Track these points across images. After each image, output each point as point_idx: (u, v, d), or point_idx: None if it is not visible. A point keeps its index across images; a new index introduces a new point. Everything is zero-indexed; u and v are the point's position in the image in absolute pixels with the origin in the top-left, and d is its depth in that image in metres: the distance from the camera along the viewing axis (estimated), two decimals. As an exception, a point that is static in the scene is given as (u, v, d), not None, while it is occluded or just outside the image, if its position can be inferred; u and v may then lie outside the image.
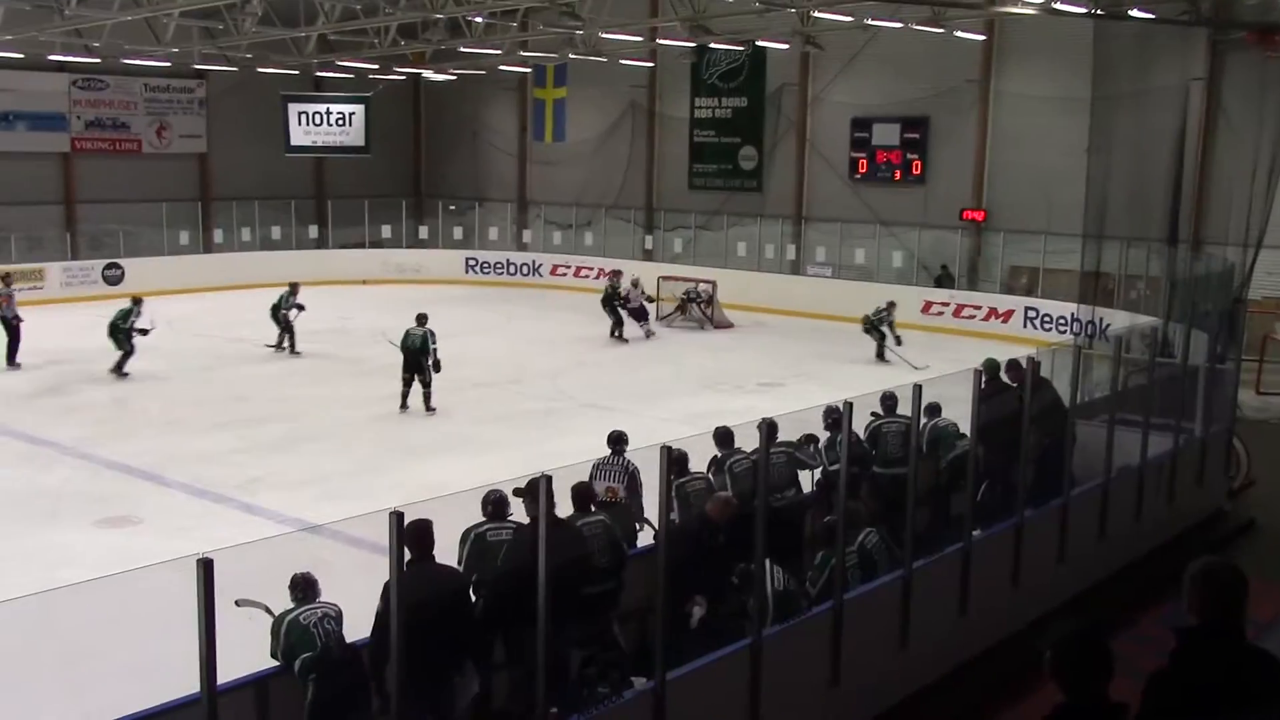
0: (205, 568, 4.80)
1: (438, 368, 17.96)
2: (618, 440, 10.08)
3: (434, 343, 18.02)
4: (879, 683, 8.37)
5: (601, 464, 9.87)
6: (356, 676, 6.58)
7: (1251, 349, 19.44)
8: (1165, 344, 14.42)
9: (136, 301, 21.17)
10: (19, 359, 21.14)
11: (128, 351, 20.49)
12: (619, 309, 25.18)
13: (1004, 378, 11.12)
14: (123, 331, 20.52)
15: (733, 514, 8.10)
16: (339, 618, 6.75)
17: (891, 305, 23.37)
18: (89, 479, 14.59)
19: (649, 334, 25.27)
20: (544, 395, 19.60)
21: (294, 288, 23.36)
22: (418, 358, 17.95)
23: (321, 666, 6.52)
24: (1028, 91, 26.92)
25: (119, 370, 20.39)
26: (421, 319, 18.43)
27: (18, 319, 21.15)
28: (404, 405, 18.04)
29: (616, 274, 26.17)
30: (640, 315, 25.42)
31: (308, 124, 35.25)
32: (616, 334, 24.88)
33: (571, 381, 20.76)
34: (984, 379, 10.07)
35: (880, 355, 22.83)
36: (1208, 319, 14.68)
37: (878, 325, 22.96)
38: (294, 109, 34.97)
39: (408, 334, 18.19)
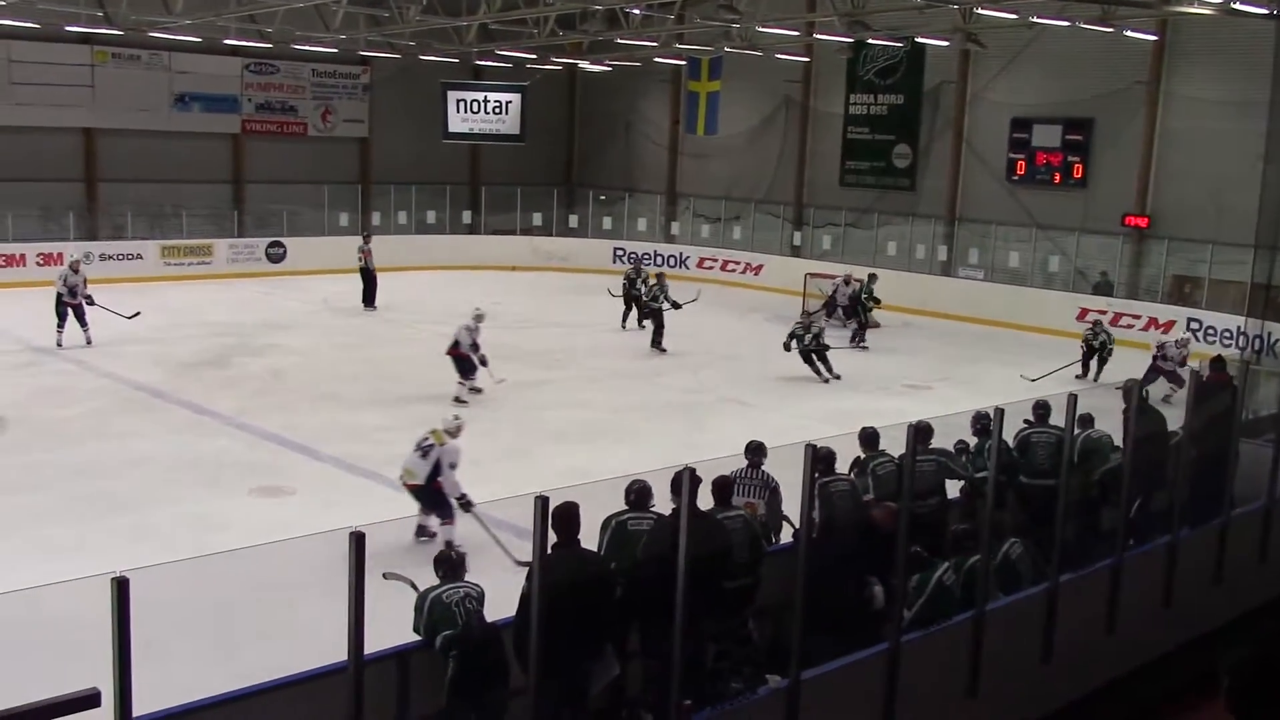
0: (357, 541, 4.94)
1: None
2: (756, 451, 9.59)
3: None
4: (1019, 697, 8.18)
5: (740, 476, 9.35)
6: (496, 655, 6.69)
7: None
8: (1339, 362, 13.78)
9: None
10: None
11: None
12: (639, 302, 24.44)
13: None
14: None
15: (895, 524, 7.99)
16: (481, 598, 6.88)
17: (872, 277, 23.67)
18: (246, 449, 15.14)
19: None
20: (684, 387, 19.64)
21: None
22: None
23: (462, 644, 6.65)
24: (1200, 94, 25.86)
25: None
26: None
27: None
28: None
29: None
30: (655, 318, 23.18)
31: (465, 111, 35.91)
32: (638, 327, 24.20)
33: (712, 374, 20.75)
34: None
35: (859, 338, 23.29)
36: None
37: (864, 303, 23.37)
38: (453, 96, 35.66)
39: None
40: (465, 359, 18.44)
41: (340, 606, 5.39)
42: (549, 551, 6.58)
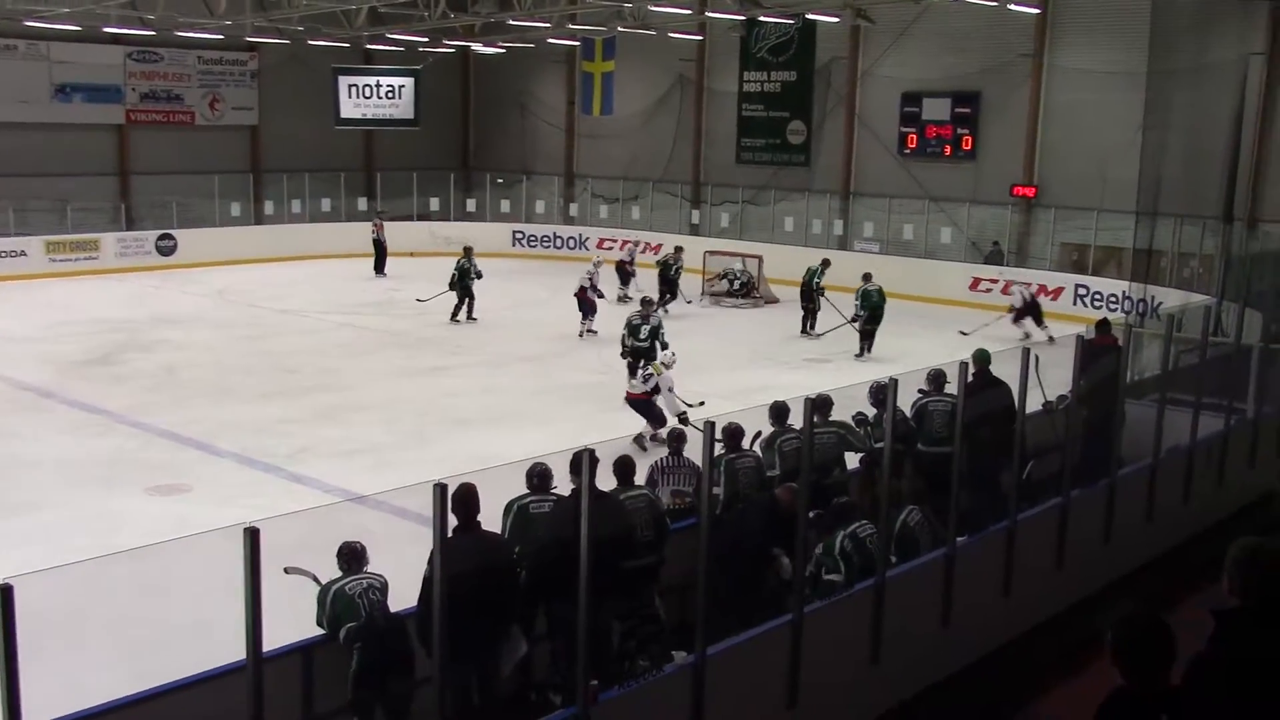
0: (251, 536, 4.87)
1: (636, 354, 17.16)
2: (678, 439, 9.66)
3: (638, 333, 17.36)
4: (920, 661, 8.34)
5: (665, 467, 9.39)
6: (400, 646, 6.67)
7: (1308, 329, 19.12)
8: (1218, 323, 14.25)
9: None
10: None
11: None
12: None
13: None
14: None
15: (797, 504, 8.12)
16: (384, 588, 6.84)
17: (825, 263, 23.80)
18: (140, 447, 14.82)
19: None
20: (590, 368, 19.64)
21: (468, 252, 23.94)
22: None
23: (366, 636, 6.62)
24: (1082, 66, 26.51)
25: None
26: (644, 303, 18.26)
27: None
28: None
29: (679, 250, 26.55)
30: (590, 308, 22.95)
31: (358, 97, 35.44)
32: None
33: (617, 355, 20.75)
34: (972, 370, 10.04)
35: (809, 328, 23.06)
36: (1263, 298, 14.47)
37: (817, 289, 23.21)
38: (344, 82, 35.15)
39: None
40: (589, 301, 22.18)
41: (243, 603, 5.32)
42: (451, 536, 6.59)
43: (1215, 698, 3.65)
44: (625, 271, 26.66)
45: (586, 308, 22.29)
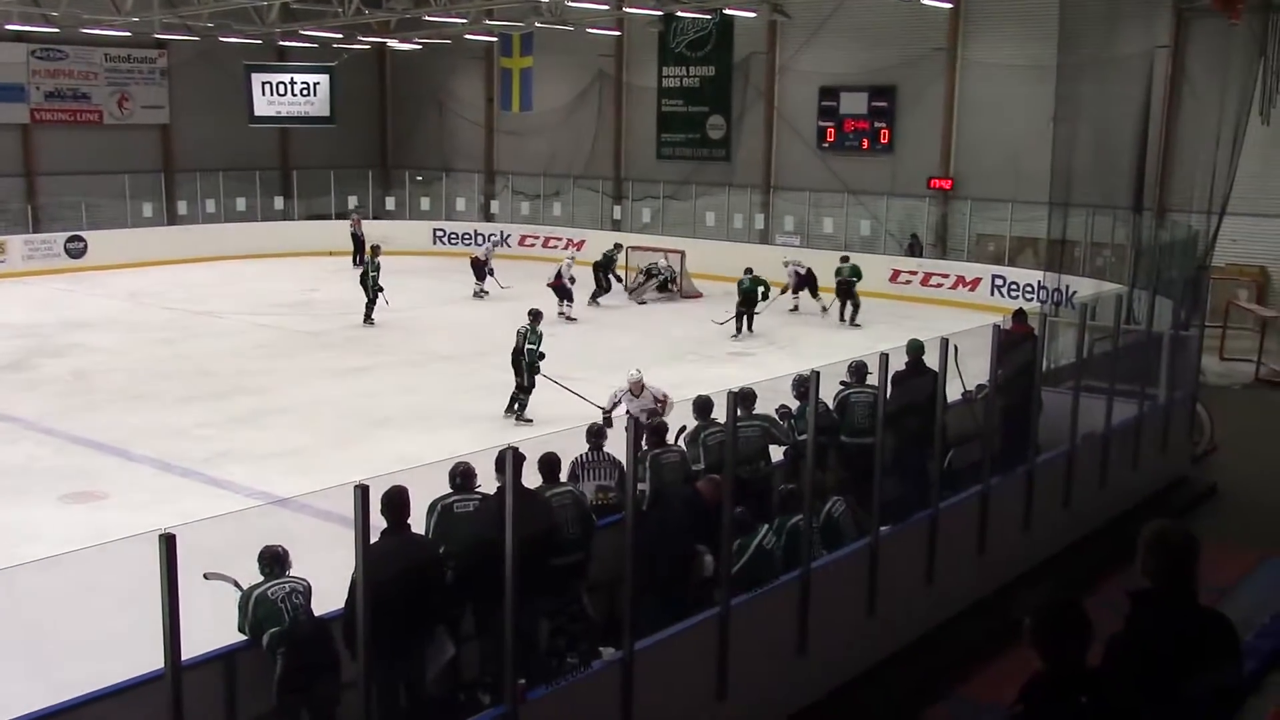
0: (167, 543, 4.76)
1: (533, 367, 16.10)
2: (597, 434, 9.33)
3: (532, 342, 16.16)
4: (846, 650, 8.43)
5: (585, 462, 9.21)
6: (325, 650, 6.58)
7: (1215, 315, 19.65)
8: (1130, 311, 14.55)
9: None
10: None
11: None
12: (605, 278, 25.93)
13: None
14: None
15: (719, 496, 8.14)
16: (307, 592, 6.75)
17: (617, 247, 25.30)
18: (54, 454, 14.47)
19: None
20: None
21: (376, 250, 23.66)
22: (516, 358, 16.24)
23: (289, 641, 6.53)
24: (995, 60, 26.94)
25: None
26: (533, 315, 16.72)
27: None
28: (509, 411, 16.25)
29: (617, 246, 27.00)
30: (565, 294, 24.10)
31: (271, 94, 34.89)
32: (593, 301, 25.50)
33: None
34: (905, 360, 10.21)
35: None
36: (1172, 286, 14.80)
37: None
38: (257, 79, 34.59)
39: (518, 333, 16.41)
40: (564, 288, 23.37)
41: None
42: (378, 538, 6.52)
43: (1131, 676, 3.72)
44: (480, 268, 26.47)
45: (563, 293, 23.47)
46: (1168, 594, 3.89)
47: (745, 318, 22.61)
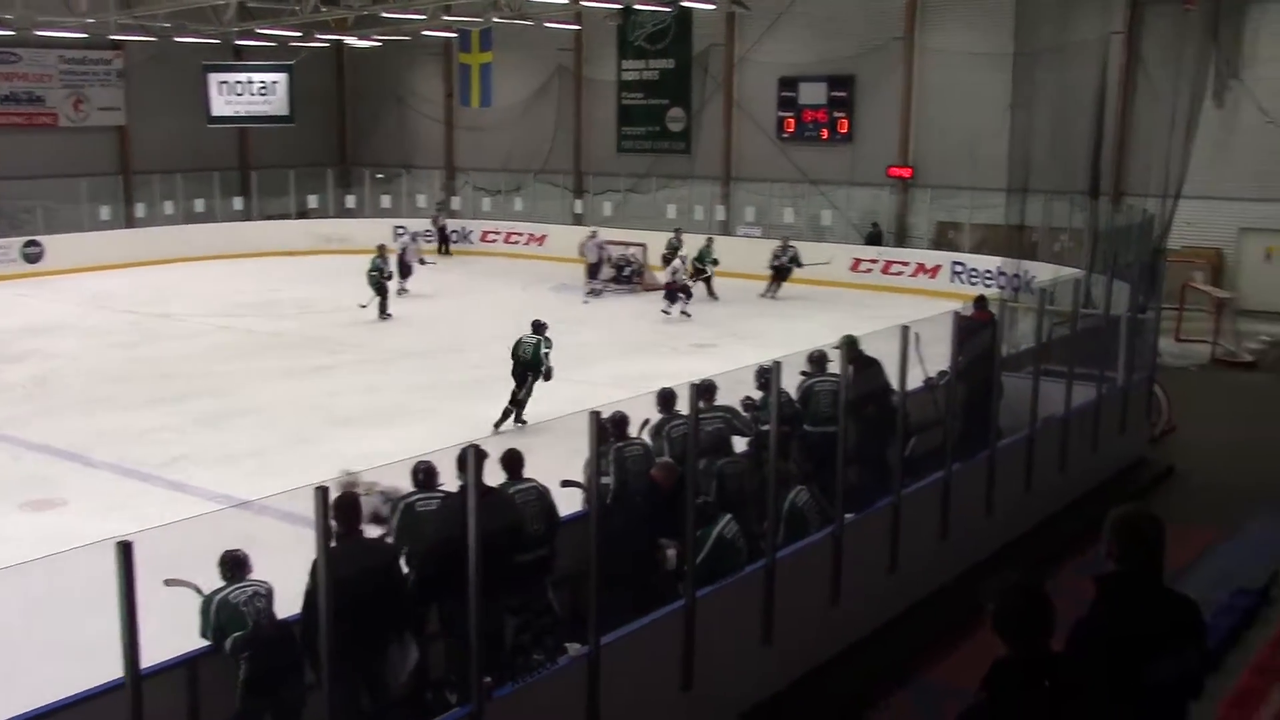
0: (124, 551, 4.72)
1: (548, 376, 15.52)
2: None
3: (547, 349, 15.65)
4: (811, 639, 8.47)
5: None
6: (289, 654, 6.55)
7: (1171, 298, 19.82)
8: (1088, 295, 14.67)
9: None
10: None
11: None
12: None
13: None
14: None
15: (676, 479, 8.15)
16: (270, 595, 6.72)
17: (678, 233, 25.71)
18: (11, 461, 14.31)
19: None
20: (476, 363, 19.47)
21: (382, 250, 23.60)
22: (525, 370, 15.58)
23: (253, 645, 6.50)
24: (952, 48, 27.09)
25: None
26: (538, 326, 16.02)
27: None
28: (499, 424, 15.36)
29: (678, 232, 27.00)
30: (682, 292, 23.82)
31: (229, 94, 34.60)
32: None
33: (503, 348, 20.62)
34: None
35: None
36: (1129, 269, 14.94)
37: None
38: (214, 79, 34.29)
39: (519, 343, 15.82)
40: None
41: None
42: (335, 543, 6.50)
43: (1097, 660, 3.75)
44: (405, 265, 26.09)
45: (675, 293, 23.31)
46: (1134, 578, 3.93)
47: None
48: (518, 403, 15.49)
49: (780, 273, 25.72)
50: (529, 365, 15.55)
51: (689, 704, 7.37)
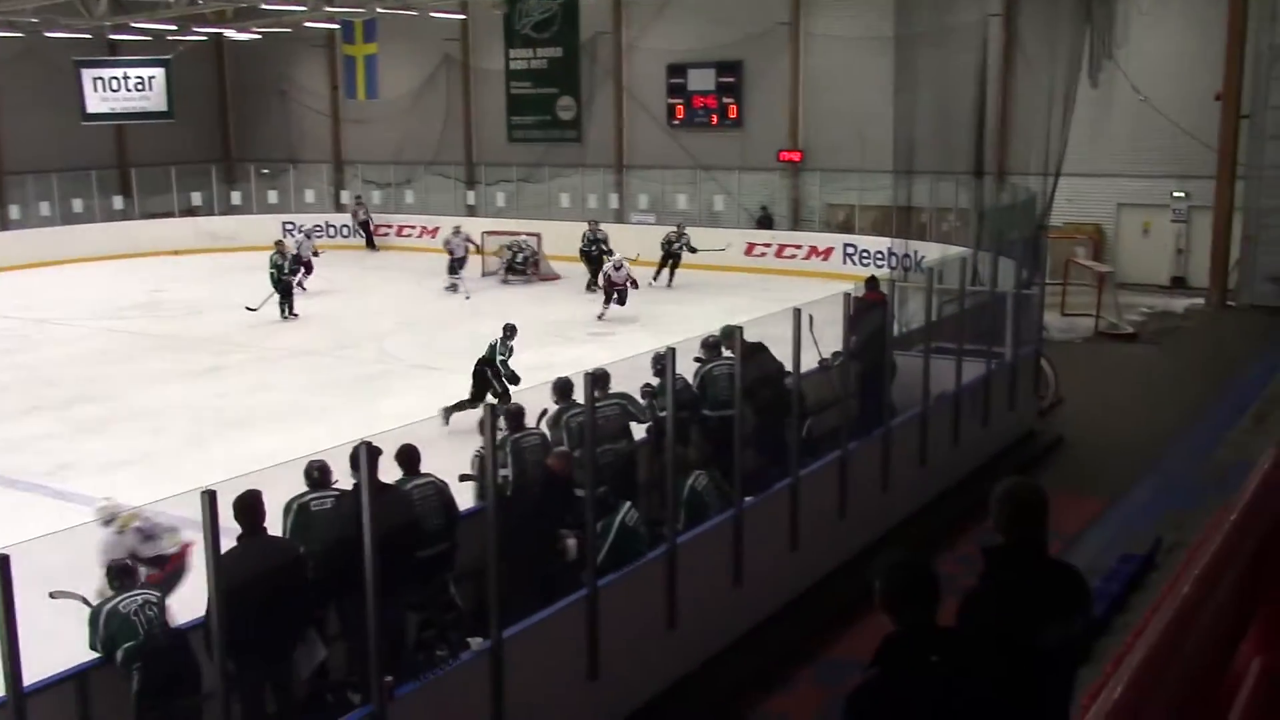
0: (1, 565, 4.54)
1: (511, 379, 14.81)
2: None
3: (503, 355, 14.92)
4: (715, 622, 8.51)
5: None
6: (183, 661, 6.39)
7: (1055, 273, 20.33)
8: (975, 273, 14.96)
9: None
10: None
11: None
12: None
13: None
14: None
15: (573, 467, 8.13)
16: (161, 603, 6.54)
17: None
18: (-115, 477, 13.74)
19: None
20: (370, 359, 19.23)
21: (280, 245, 22.88)
22: (481, 365, 15.04)
23: (145, 654, 6.31)
24: (836, 32, 27.39)
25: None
26: (508, 330, 15.28)
27: None
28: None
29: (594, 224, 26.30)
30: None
31: (104, 90, 33.53)
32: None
33: (398, 343, 20.44)
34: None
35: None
36: (1014, 247, 15.27)
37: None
38: (88, 75, 33.22)
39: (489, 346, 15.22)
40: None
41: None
42: (236, 544, 6.36)
43: (985, 631, 3.81)
44: (301, 262, 25.17)
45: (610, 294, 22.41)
46: (1019, 549, 3.99)
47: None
48: (472, 400, 14.71)
49: (672, 259, 25.57)
50: (484, 361, 15.08)
51: (596, 693, 7.36)
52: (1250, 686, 1.68)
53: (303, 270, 24.86)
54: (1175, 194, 24.49)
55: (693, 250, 25.58)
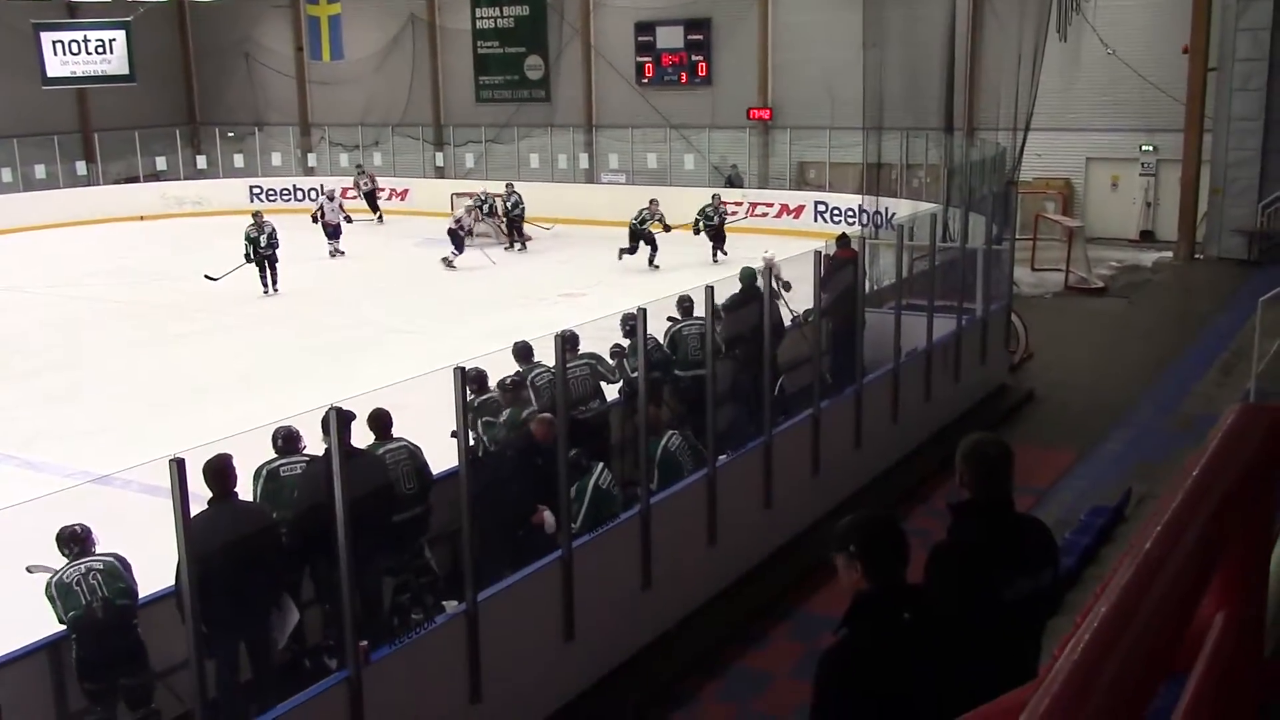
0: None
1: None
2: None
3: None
4: (690, 582, 8.55)
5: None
6: (123, 639, 6.27)
7: (1025, 228, 20.40)
8: (945, 229, 15.00)
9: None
10: None
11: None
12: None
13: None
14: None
15: (555, 433, 8.10)
16: (111, 571, 6.37)
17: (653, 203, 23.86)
18: None
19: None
20: (345, 324, 19.12)
21: (257, 217, 21.99)
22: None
23: (81, 624, 6.18)
24: (805, -12, 27.26)
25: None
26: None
27: None
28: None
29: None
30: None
31: (64, 53, 33.03)
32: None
33: (372, 306, 20.33)
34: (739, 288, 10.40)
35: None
36: (984, 202, 15.30)
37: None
38: (47, 38, 32.70)
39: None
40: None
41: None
42: (205, 508, 6.32)
43: (953, 586, 3.84)
44: (331, 226, 25.37)
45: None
46: (985, 504, 4.02)
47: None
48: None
49: (644, 236, 23.28)
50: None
51: (572, 654, 7.39)
52: (1214, 638, 1.69)
53: (340, 224, 25.22)
54: (1143, 147, 24.59)
55: (666, 229, 23.54)
